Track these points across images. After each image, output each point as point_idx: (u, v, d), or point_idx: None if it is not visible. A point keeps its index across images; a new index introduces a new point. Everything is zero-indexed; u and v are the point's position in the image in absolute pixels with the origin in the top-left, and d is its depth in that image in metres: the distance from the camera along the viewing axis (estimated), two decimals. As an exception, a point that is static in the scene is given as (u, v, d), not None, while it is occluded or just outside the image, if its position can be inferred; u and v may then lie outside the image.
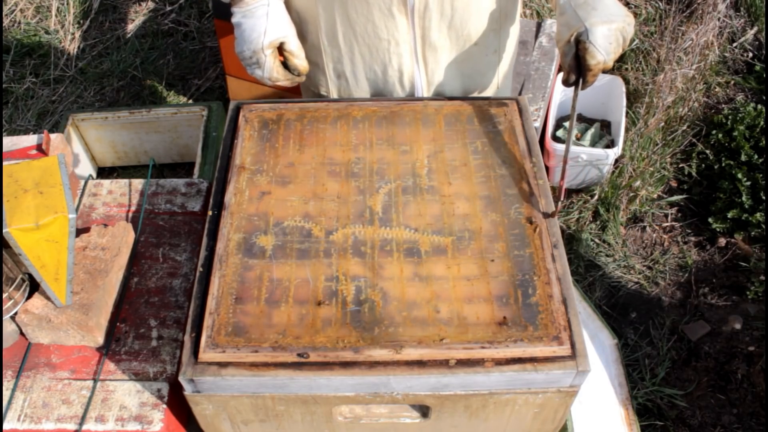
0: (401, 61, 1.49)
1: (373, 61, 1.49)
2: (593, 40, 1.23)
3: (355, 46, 1.47)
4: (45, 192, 1.22)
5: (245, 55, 1.36)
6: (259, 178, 1.32)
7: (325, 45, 1.50)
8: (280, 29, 1.36)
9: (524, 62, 2.72)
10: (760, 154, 2.68)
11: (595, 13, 1.25)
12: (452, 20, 1.44)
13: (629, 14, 1.28)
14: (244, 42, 1.36)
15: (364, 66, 1.51)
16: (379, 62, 1.49)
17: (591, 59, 1.24)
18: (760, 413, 2.18)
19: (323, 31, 1.48)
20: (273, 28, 1.34)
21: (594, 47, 1.23)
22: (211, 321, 1.12)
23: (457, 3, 1.41)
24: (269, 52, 1.35)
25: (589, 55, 1.24)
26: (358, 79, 1.54)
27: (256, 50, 1.34)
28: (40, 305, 1.27)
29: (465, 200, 1.28)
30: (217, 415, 1.16)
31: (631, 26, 1.28)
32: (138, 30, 3.48)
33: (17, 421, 1.22)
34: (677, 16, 3.06)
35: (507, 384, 1.09)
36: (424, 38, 1.45)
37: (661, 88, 2.83)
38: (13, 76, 3.26)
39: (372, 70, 1.51)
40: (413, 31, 1.43)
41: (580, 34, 1.25)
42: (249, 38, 1.35)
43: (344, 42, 1.48)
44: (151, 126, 2.57)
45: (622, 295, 2.53)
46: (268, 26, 1.33)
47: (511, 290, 1.15)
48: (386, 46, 1.45)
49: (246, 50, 1.36)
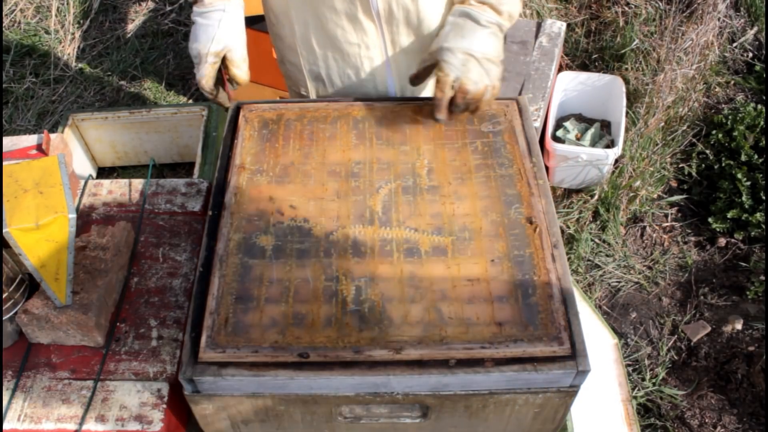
0: (373, 64, 1.51)
1: (346, 64, 1.51)
2: (446, 59, 1.31)
3: (328, 49, 1.49)
4: (45, 192, 1.22)
5: (192, 53, 1.39)
6: (259, 178, 1.32)
7: (300, 47, 1.52)
8: (228, 39, 1.37)
9: (524, 62, 2.72)
10: (760, 154, 2.68)
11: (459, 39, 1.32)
12: (419, 26, 1.45)
13: (492, 60, 1.32)
14: (194, 41, 1.38)
15: (338, 69, 1.53)
16: (351, 66, 1.51)
17: (438, 71, 1.32)
18: (760, 413, 2.18)
19: (297, 35, 1.50)
20: (222, 36, 1.36)
21: (447, 64, 1.31)
22: (211, 321, 1.12)
23: (422, 11, 1.41)
24: (212, 60, 1.37)
25: (438, 68, 1.32)
26: (334, 82, 1.56)
27: (201, 53, 1.37)
28: (40, 305, 1.27)
29: (465, 200, 1.28)
30: (217, 415, 1.16)
31: (492, 69, 1.32)
32: (138, 30, 3.48)
33: (17, 421, 1.22)
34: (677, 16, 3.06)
35: (507, 384, 1.09)
36: (394, 42, 1.47)
37: (661, 88, 2.83)
38: (13, 76, 3.26)
39: (345, 74, 1.53)
40: (382, 36, 1.45)
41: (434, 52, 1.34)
42: (198, 39, 1.37)
43: (318, 45, 1.50)
44: (151, 126, 2.57)
45: (622, 295, 2.53)
46: (217, 33, 1.36)
47: (511, 290, 1.15)
48: (357, 50, 1.47)
49: (193, 49, 1.38)
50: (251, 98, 1.45)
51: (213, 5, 1.37)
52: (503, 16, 1.32)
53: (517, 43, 2.80)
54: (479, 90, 1.31)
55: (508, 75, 2.70)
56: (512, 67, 2.71)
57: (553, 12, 3.35)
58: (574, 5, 3.40)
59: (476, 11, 1.31)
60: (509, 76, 2.69)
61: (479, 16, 1.31)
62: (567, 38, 3.22)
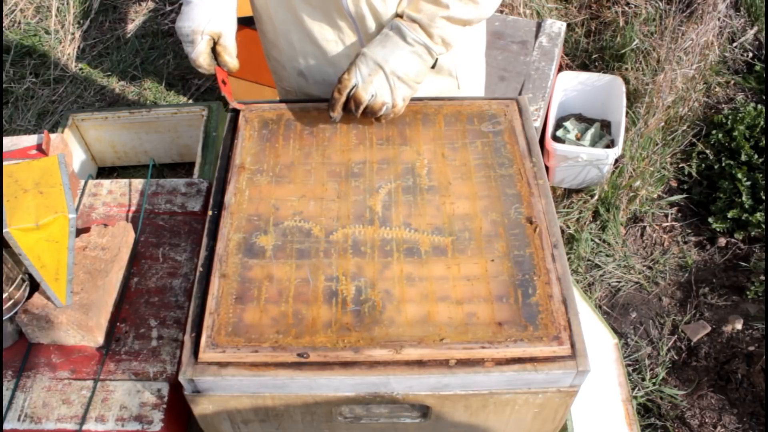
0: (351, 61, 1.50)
1: (325, 61, 1.51)
2: (358, 63, 1.33)
3: (307, 45, 1.50)
4: (45, 192, 1.22)
5: (184, 31, 1.39)
6: (259, 178, 1.32)
7: (282, 44, 1.53)
8: (225, 23, 1.39)
9: (524, 62, 2.72)
10: (760, 154, 2.68)
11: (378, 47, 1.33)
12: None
13: (406, 77, 1.33)
14: (188, 19, 1.38)
15: (318, 65, 1.53)
16: (329, 62, 1.51)
17: (345, 72, 1.35)
18: (760, 413, 2.18)
19: (278, 30, 1.51)
20: (219, 19, 1.38)
21: (355, 69, 1.33)
22: (211, 321, 1.12)
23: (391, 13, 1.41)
24: (206, 38, 1.38)
25: (348, 69, 1.34)
26: (315, 78, 1.57)
27: (196, 31, 1.37)
28: (40, 305, 1.27)
29: (465, 200, 1.28)
30: (217, 415, 1.16)
31: (400, 87, 1.33)
32: (138, 30, 3.48)
33: (17, 421, 1.22)
34: (677, 16, 3.06)
35: (507, 384, 1.09)
36: (370, 40, 1.46)
37: (661, 88, 2.83)
38: (13, 76, 3.26)
39: (324, 71, 1.54)
40: (358, 34, 1.45)
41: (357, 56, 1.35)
42: (194, 18, 1.37)
43: (297, 41, 1.50)
44: (151, 126, 2.57)
45: (622, 295, 2.53)
46: (215, 15, 1.37)
47: (511, 290, 1.15)
48: (335, 47, 1.47)
49: (186, 27, 1.38)
50: (251, 98, 1.45)
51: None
52: (434, 39, 1.32)
53: (517, 43, 2.80)
54: (374, 103, 1.32)
55: (508, 75, 2.70)
56: (512, 67, 2.72)
57: (553, 12, 3.35)
58: (574, 5, 3.40)
59: (406, 27, 1.31)
60: (509, 76, 2.69)
61: (407, 32, 1.31)
62: (567, 38, 3.22)
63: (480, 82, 1.73)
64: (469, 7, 1.30)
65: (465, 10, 1.30)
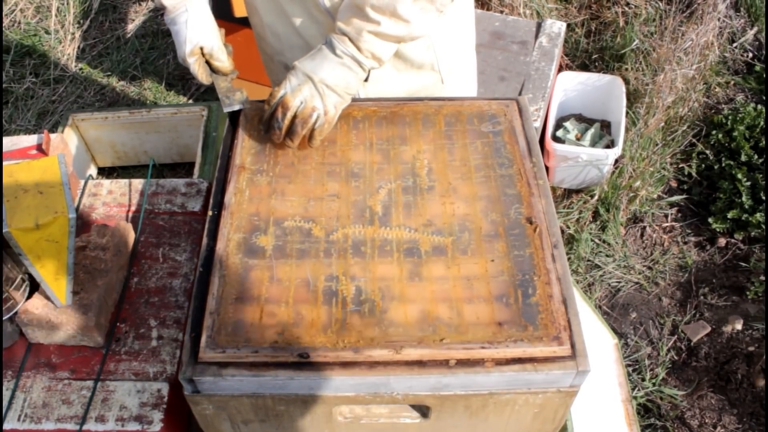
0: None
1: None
2: (289, 76, 1.33)
3: (292, 39, 1.51)
4: (45, 192, 1.22)
5: (179, 59, 1.45)
6: (259, 178, 1.32)
7: (269, 37, 1.55)
8: (199, 36, 1.41)
9: (524, 62, 2.72)
10: (760, 154, 2.68)
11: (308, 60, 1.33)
12: None
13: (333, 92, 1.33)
14: (176, 47, 1.44)
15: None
16: None
17: (276, 84, 1.36)
18: (760, 413, 2.18)
19: (265, 24, 1.53)
20: (192, 36, 1.41)
21: (286, 80, 1.33)
22: (211, 321, 1.12)
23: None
24: (193, 60, 1.42)
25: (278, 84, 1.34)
26: None
27: (183, 58, 1.42)
28: (40, 305, 1.27)
29: (465, 200, 1.28)
30: (217, 415, 1.16)
31: (330, 96, 1.32)
32: (138, 30, 3.48)
33: (17, 421, 1.22)
34: (677, 16, 3.06)
35: (507, 384, 1.09)
36: None
37: (661, 88, 2.83)
38: (13, 76, 3.26)
39: None
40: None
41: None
42: (177, 45, 1.43)
43: (283, 35, 1.51)
44: (151, 126, 2.57)
45: (622, 295, 2.53)
46: (187, 35, 1.41)
47: (511, 290, 1.15)
48: (317, 42, 1.47)
49: (179, 55, 1.44)
50: (251, 98, 1.45)
51: (176, 9, 1.41)
52: (363, 53, 1.32)
53: (517, 43, 2.80)
54: (305, 110, 1.31)
55: (508, 75, 2.70)
56: (512, 67, 2.72)
57: (553, 12, 3.35)
58: (574, 5, 3.40)
59: (336, 40, 1.32)
60: (509, 76, 2.69)
61: (336, 45, 1.31)
62: (567, 38, 3.22)
63: (469, 78, 1.72)
64: (400, 25, 1.30)
65: (396, 28, 1.30)
